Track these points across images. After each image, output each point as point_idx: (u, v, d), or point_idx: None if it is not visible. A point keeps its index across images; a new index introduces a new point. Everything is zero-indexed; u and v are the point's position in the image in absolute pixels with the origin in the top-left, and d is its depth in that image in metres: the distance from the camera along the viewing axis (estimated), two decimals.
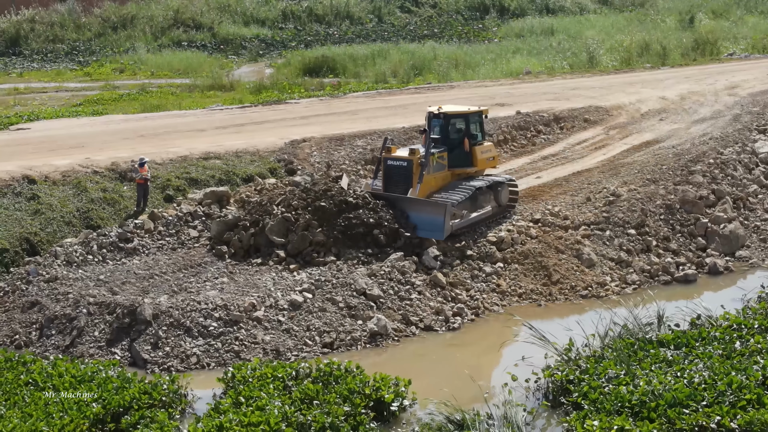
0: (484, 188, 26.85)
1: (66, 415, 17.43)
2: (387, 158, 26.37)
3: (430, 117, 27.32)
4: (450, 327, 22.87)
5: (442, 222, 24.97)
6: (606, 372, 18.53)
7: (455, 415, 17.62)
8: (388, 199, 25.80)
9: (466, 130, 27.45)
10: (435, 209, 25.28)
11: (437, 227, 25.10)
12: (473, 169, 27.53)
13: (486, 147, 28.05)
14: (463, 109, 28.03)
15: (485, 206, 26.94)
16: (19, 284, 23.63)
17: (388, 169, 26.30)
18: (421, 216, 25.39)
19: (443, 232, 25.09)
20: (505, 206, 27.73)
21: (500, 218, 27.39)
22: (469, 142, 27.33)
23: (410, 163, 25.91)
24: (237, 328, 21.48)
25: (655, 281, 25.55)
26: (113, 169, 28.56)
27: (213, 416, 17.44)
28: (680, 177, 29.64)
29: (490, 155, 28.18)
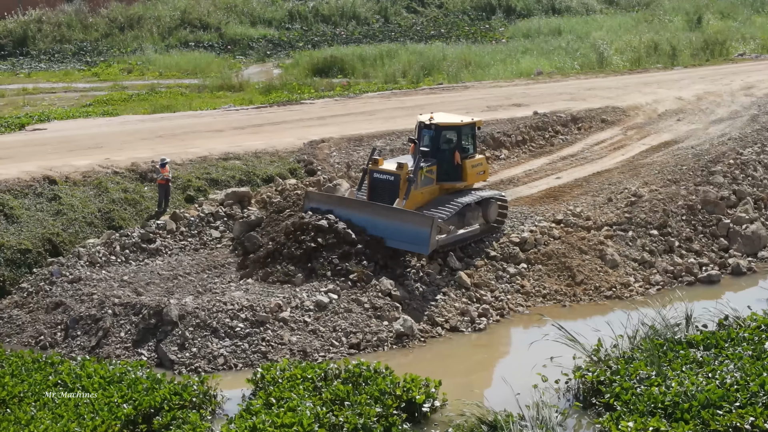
0: (473, 204, 25.65)
1: (97, 416, 17.41)
2: (373, 170, 25.01)
3: (421, 126, 25.97)
4: (476, 328, 22.83)
5: (427, 235, 23.48)
6: (637, 373, 18.50)
7: (487, 417, 17.57)
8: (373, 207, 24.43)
9: (458, 142, 26.05)
10: (421, 221, 23.83)
11: (422, 240, 23.61)
12: (462, 184, 26.20)
13: (477, 160, 26.71)
14: (455, 120, 26.49)
15: (473, 223, 25.53)
16: (42, 285, 23.60)
17: (374, 181, 24.95)
18: (406, 228, 23.75)
19: (428, 246, 23.65)
20: (493, 223, 26.51)
21: (488, 236, 26.13)
22: (460, 155, 26.00)
23: (397, 178, 24.58)
24: (263, 329, 21.44)
25: (678, 282, 25.54)
26: (133, 169, 28.51)
27: (245, 417, 17.41)
28: (701, 177, 29.59)
29: (480, 169, 26.79)
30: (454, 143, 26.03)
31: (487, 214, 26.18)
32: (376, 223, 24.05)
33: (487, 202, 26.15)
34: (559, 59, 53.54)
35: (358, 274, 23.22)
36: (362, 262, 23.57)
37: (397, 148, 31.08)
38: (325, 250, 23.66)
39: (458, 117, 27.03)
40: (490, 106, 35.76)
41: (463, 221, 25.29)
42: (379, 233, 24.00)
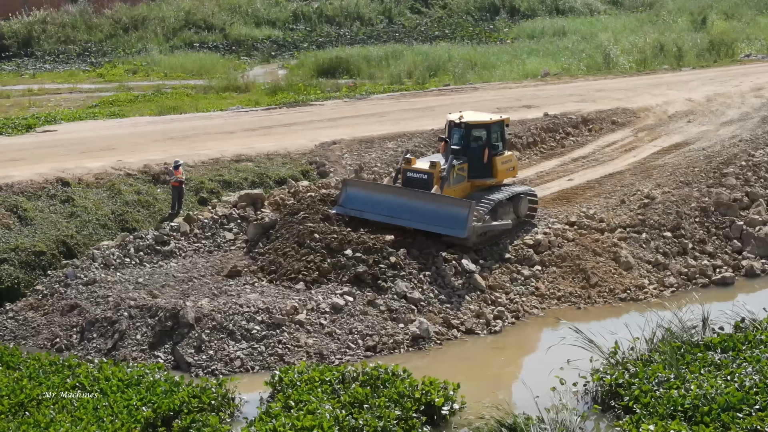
0: (504, 200, 26.18)
1: (116, 419, 17.41)
2: (407, 170, 25.68)
3: (451, 125, 26.64)
4: (491, 330, 22.81)
5: (465, 218, 24.18)
6: (656, 376, 18.48)
7: (506, 420, 17.55)
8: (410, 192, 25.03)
9: (487, 140, 26.62)
10: (459, 204, 24.62)
11: (460, 223, 24.25)
12: (493, 181, 26.85)
13: (506, 157, 27.32)
14: (485, 118, 27.15)
15: (505, 218, 26.14)
16: (57, 287, 23.59)
17: (408, 180, 25.57)
18: (444, 211, 24.47)
19: (465, 229, 24.28)
20: (524, 218, 27.12)
21: (520, 230, 26.69)
22: (490, 153, 26.60)
23: (430, 176, 25.25)
24: (280, 332, 21.43)
25: (692, 284, 25.51)
26: (146, 171, 28.52)
27: (265, 420, 17.41)
28: (713, 179, 29.58)
29: (510, 165, 27.45)
30: (483, 141, 26.59)
31: (518, 209, 26.76)
32: (413, 208, 24.65)
33: (517, 198, 26.72)
34: (566, 60, 53.51)
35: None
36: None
37: (408, 149, 31.02)
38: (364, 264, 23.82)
39: (487, 115, 27.69)
40: (500, 108, 35.71)
41: (495, 217, 25.73)
42: (416, 218, 24.61)
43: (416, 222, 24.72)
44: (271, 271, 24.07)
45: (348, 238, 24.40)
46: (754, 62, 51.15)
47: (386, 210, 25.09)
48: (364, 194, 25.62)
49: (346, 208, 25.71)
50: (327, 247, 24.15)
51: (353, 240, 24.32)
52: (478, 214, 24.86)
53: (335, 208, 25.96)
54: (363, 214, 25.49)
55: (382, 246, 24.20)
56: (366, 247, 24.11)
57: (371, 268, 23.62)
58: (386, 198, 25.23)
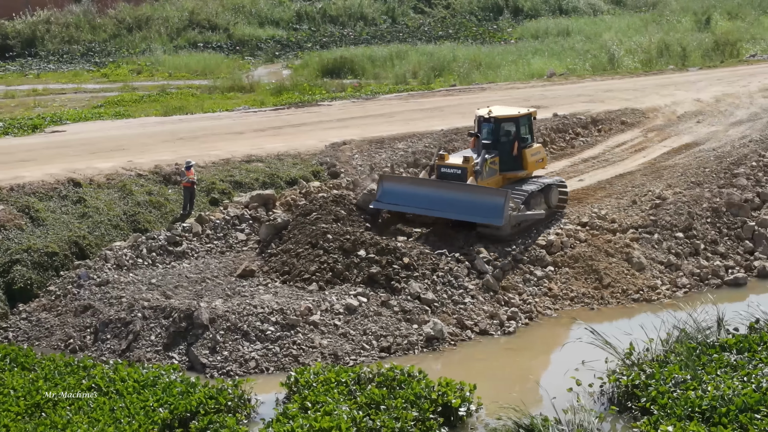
0: (536, 191, 26.79)
1: (134, 420, 17.38)
2: (441, 165, 26.35)
3: (480, 120, 27.26)
4: (505, 331, 22.78)
5: (501, 206, 24.79)
6: (672, 377, 18.44)
7: (523, 420, 17.52)
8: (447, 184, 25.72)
9: (516, 133, 27.36)
10: (495, 193, 25.34)
11: (497, 212, 24.83)
12: (524, 173, 27.60)
13: (535, 149, 28.08)
14: (513, 112, 27.87)
15: (538, 209, 26.75)
16: (70, 288, 23.57)
17: (442, 176, 26.25)
18: (480, 201, 25.12)
19: (502, 217, 24.84)
20: (555, 208, 27.71)
21: (550, 221, 27.23)
22: (519, 146, 27.30)
23: (464, 171, 25.92)
24: (294, 333, 21.41)
25: (705, 285, 25.46)
26: (157, 172, 28.52)
27: (282, 421, 17.37)
28: (724, 180, 29.55)
29: (539, 157, 28.20)
30: (513, 134, 27.31)
31: (549, 199, 27.35)
32: (450, 199, 25.29)
33: (548, 189, 27.33)
34: (571, 60, 53.48)
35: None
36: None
37: (418, 150, 30.98)
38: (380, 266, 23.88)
39: (515, 109, 28.43)
40: None
41: (528, 208, 26.27)
42: (453, 209, 25.24)
43: (453, 213, 25.39)
44: (284, 272, 24.05)
45: (361, 239, 24.39)
46: (760, 62, 51.11)
47: (423, 203, 25.77)
48: (400, 188, 26.30)
49: (383, 202, 26.32)
50: (340, 248, 24.14)
51: (366, 241, 24.32)
52: (514, 203, 25.49)
53: (372, 203, 26.50)
54: (400, 208, 26.25)
55: (395, 247, 24.20)
56: (379, 247, 24.11)
57: (384, 268, 23.62)
58: (422, 191, 25.96)
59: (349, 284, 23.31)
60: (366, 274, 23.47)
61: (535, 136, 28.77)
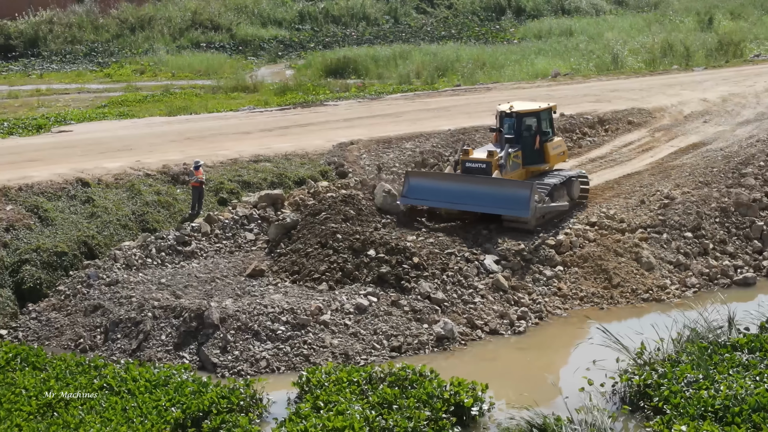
0: (559, 184, 27.26)
1: (146, 419, 17.36)
2: (465, 160, 26.83)
3: (502, 116, 27.70)
4: (515, 330, 22.75)
5: (527, 198, 25.31)
6: (684, 376, 18.42)
7: (536, 420, 17.50)
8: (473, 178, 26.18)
9: (538, 127, 27.83)
10: (521, 185, 25.87)
11: (523, 204, 25.36)
12: (546, 166, 28.10)
13: (556, 142, 28.58)
14: (534, 106, 28.37)
15: (561, 201, 27.23)
16: (79, 288, 23.56)
17: (467, 170, 26.74)
18: (506, 194, 25.66)
19: (528, 208, 25.35)
20: (577, 200, 28.23)
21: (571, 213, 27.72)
22: (540, 139, 27.78)
23: (489, 165, 26.38)
24: (305, 332, 21.40)
25: (714, 284, 25.41)
26: (165, 171, 28.53)
27: (295, 421, 17.36)
28: (732, 180, 29.51)
29: (560, 150, 28.70)
30: (534, 128, 27.80)
31: (571, 191, 27.91)
32: (476, 193, 25.77)
33: (570, 181, 27.91)
34: (574, 60, 53.46)
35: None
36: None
37: (426, 150, 30.96)
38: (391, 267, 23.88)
39: (536, 104, 29.02)
40: None
41: (552, 200, 26.81)
42: (479, 202, 25.82)
43: (480, 206, 25.94)
44: (294, 272, 24.04)
45: (371, 238, 24.39)
46: (765, 62, 51.08)
47: (449, 197, 26.26)
48: (426, 184, 26.71)
49: (410, 198, 26.71)
50: (350, 248, 24.14)
51: (376, 240, 24.32)
52: (539, 195, 25.98)
53: (399, 199, 26.84)
54: (427, 203, 26.72)
55: (404, 246, 24.19)
56: (389, 247, 24.10)
57: (394, 268, 23.61)
58: (448, 186, 26.41)
59: (359, 284, 23.30)
60: (376, 274, 23.46)
61: (555, 130, 29.20)
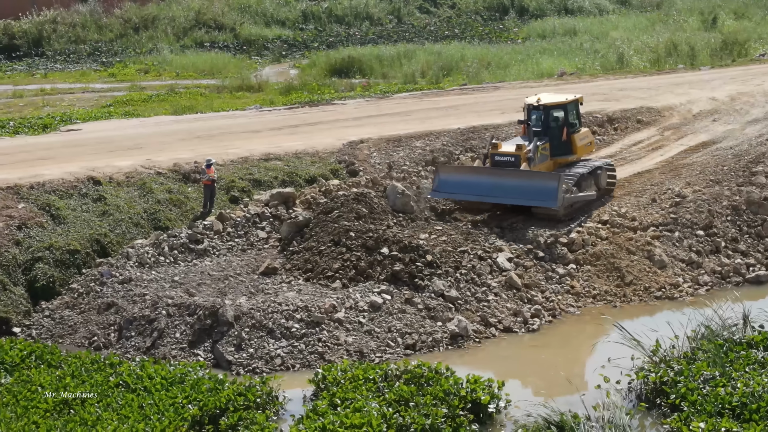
0: (586, 174, 27.72)
1: (163, 417, 17.36)
2: (494, 153, 27.30)
3: (530, 108, 28.13)
4: (529, 328, 22.75)
5: (555, 189, 25.79)
6: (701, 373, 18.41)
7: (553, 417, 17.49)
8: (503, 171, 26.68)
9: (565, 119, 28.23)
10: (549, 177, 26.39)
11: (551, 195, 25.87)
12: (574, 157, 28.50)
13: (583, 133, 29.04)
14: (561, 99, 28.86)
15: (589, 191, 27.76)
16: (92, 285, 23.58)
17: (496, 163, 27.23)
18: (535, 185, 26.16)
19: (557, 199, 25.84)
20: (604, 190, 28.69)
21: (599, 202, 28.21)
22: (567, 131, 28.18)
23: (518, 158, 26.79)
24: (319, 330, 21.39)
25: (726, 282, 25.40)
26: (176, 170, 28.54)
27: (313, 418, 17.35)
28: (743, 178, 29.51)
29: (587, 141, 29.13)
30: (561, 120, 28.25)
31: (598, 181, 28.47)
32: (505, 185, 26.42)
33: (597, 171, 28.48)
34: (579, 60, 53.43)
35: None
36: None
37: (436, 148, 30.92)
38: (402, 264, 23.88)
39: (562, 96, 29.56)
40: None
41: (579, 189, 27.38)
42: (508, 194, 26.45)
43: (509, 198, 26.54)
44: (307, 270, 24.04)
45: (384, 236, 24.39)
46: None
47: (479, 190, 26.83)
48: (456, 178, 27.34)
49: (441, 192, 27.34)
50: (363, 246, 24.13)
51: (389, 238, 24.31)
52: (567, 186, 26.47)
53: (430, 193, 27.60)
54: (458, 196, 27.37)
55: (418, 244, 24.19)
56: (402, 245, 24.09)
57: (408, 266, 23.60)
58: (478, 179, 27.00)
59: (372, 282, 23.29)
60: (389, 272, 23.46)
61: (581, 122, 29.62)
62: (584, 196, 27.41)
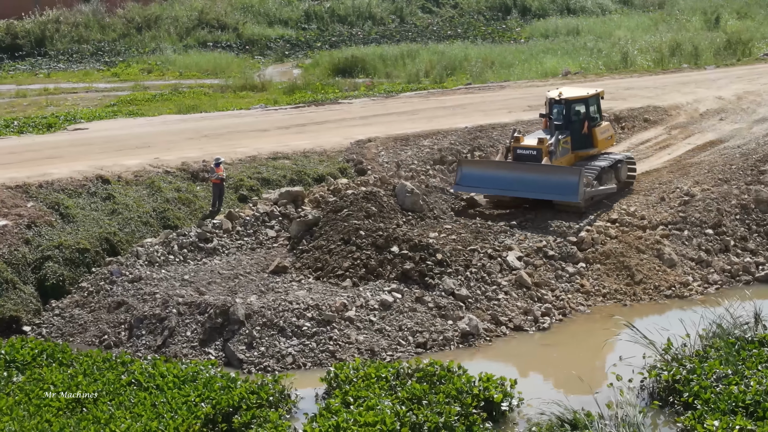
0: (607, 167, 28.17)
1: (176, 415, 17.35)
2: (516, 147, 27.71)
3: (551, 102, 28.59)
4: (540, 327, 22.74)
5: (576, 183, 26.28)
6: (713, 372, 18.40)
7: (566, 415, 17.48)
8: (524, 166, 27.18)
9: (586, 112, 28.72)
10: (570, 171, 26.90)
11: (572, 189, 26.33)
12: (595, 150, 28.99)
13: (604, 127, 29.54)
14: (582, 93, 29.39)
15: (609, 184, 28.17)
16: (102, 284, 23.54)
17: (518, 156, 27.66)
18: (556, 180, 26.68)
19: (578, 193, 26.29)
20: (624, 183, 29.14)
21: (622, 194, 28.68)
22: (589, 124, 28.64)
23: (539, 151, 27.28)
24: (330, 328, 21.39)
25: (736, 281, 25.39)
26: (184, 169, 28.53)
27: (326, 416, 17.34)
28: (751, 177, 29.50)
29: (608, 135, 29.67)
30: (582, 114, 28.76)
31: (618, 174, 28.96)
32: (527, 180, 26.92)
33: (618, 164, 28.99)
34: (583, 59, 53.40)
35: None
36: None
37: (444, 147, 30.90)
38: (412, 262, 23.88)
39: (584, 90, 30.21)
40: (532, 106, 35.73)
41: (600, 182, 27.91)
42: (530, 189, 26.96)
43: (531, 192, 27.01)
44: (317, 268, 24.02)
45: (393, 235, 24.38)
46: None
47: (501, 184, 27.44)
48: (478, 172, 27.85)
49: (463, 186, 27.94)
50: (373, 244, 24.12)
51: (399, 237, 24.31)
52: (587, 180, 26.90)
53: (453, 187, 28.27)
54: (480, 191, 28.04)
55: (428, 243, 24.18)
56: (412, 244, 24.08)
57: (418, 265, 23.59)
58: (500, 174, 27.52)
59: (382, 280, 23.28)
60: (399, 270, 23.45)
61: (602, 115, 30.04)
62: (604, 190, 27.87)
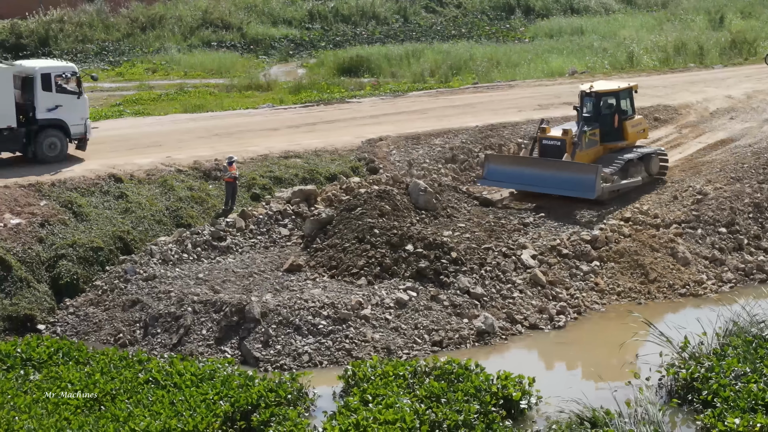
0: (635, 160, 28.69)
1: (195, 413, 17.31)
2: (542, 138, 28.68)
3: (583, 95, 29.22)
4: (555, 325, 22.73)
5: (593, 181, 26.81)
6: (732, 369, 18.37)
7: (585, 413, 17.45)
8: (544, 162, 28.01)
9: (617, 106, 29.25)
10: (587, 169, 27.45)
11: (589, 186, 26.90)
12: (624, 143, 29.51)
13: (636, 120, 29.98)
14: (613, 86, 30.08)
15: (635, 176, 28.67)
16: (117, 283, 23.51)
17: (544, 147, 28.60)
18: (573, 176, 27.28)
19: (594, 190, 26.86)
20: (655, 176, 29.58)
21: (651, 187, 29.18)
22: (619, 118, 29.17)
23: (563, 143, 28.06)
24: (346, 327, 21.37)
25: (750, 279, 25.38)
26: (196, 167, 28.51)
27: (345, 414, 17.31)
28: (763, 175, 29.50)
29: (640, 128, 30.11)
30: (613, 107, 29.34)
31: (649, 168, 29.47)
32: (548, 176, 27.65)
33: (648, 157, 29.48)
34: (589, 59, 53.36)
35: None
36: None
37: (455, 146, 30.86)
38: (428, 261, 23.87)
39: (615, 83, 31.06)
40: (541, 105, 35.78)
41: (626, 175, 28.60)
42: (551, 184, 27.65)
43: (552, 188, 27.71)
44: (331, 267, 24.00)
45: (408, 233, 24.35)
46: None
47: (525, 180, 28.17)
48: (503, 167, 28.85)
49: (489, 180, 28.89)
50: (387, 243, 24.09)
51: (413, 235, 24.27)
52: (605, 176, 27.50)
53: (480, 181, 29.29)
54: (505, 185, 28.84)
55: (442, 241, 24.15)
56: (426, 242, 24.04)
57: (433, 263, 23.57)
58: (524, 170, 28.38)
59: (397, 279, 23.26)
60: (414, 269, 23.43)
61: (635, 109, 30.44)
62: (626, 184, 28.33)
